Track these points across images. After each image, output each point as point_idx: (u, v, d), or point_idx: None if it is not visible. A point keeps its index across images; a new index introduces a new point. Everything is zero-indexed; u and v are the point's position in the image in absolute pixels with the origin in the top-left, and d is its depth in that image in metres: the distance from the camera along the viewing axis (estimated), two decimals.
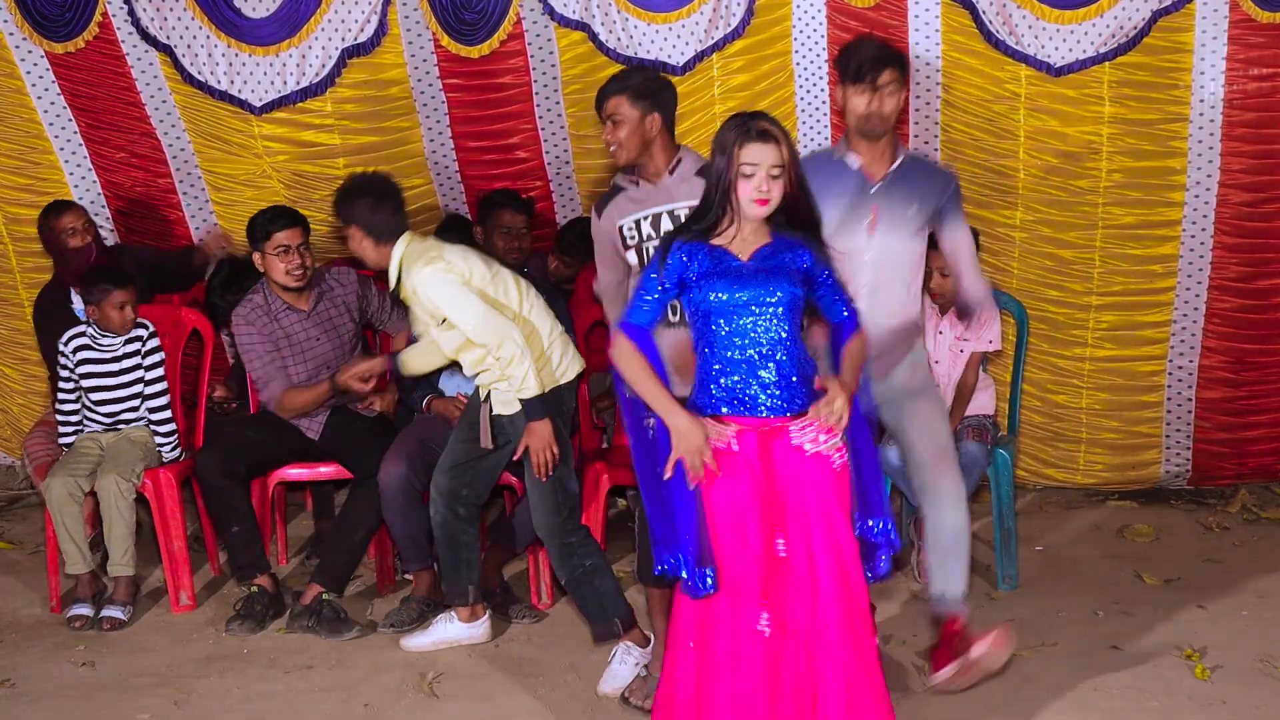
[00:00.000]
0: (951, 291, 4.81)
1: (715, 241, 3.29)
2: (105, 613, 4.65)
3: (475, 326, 4.01)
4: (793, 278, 3.26)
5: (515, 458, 4.13)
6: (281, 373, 4.72)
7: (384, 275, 4.29)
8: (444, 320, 4.09)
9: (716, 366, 3.28)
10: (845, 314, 3.35)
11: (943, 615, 3.81)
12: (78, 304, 5.04)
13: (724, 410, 3.27)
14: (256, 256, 4.75)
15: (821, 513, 3.24)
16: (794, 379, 3.26)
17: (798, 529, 3.24)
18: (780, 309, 3.25)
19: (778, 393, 3.25)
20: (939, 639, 3.81)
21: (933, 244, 4.87)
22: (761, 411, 3.26)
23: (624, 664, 4.00)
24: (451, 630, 4.34)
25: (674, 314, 3.89)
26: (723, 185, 3.24)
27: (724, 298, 3.24)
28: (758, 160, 3.21)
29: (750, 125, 3.24)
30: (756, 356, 3.25)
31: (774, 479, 3.27)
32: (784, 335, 3.25)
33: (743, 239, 3.29)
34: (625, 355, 3.30)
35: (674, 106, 3.93)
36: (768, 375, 3.24)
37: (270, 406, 4.75)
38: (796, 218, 3.30)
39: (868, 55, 3.75)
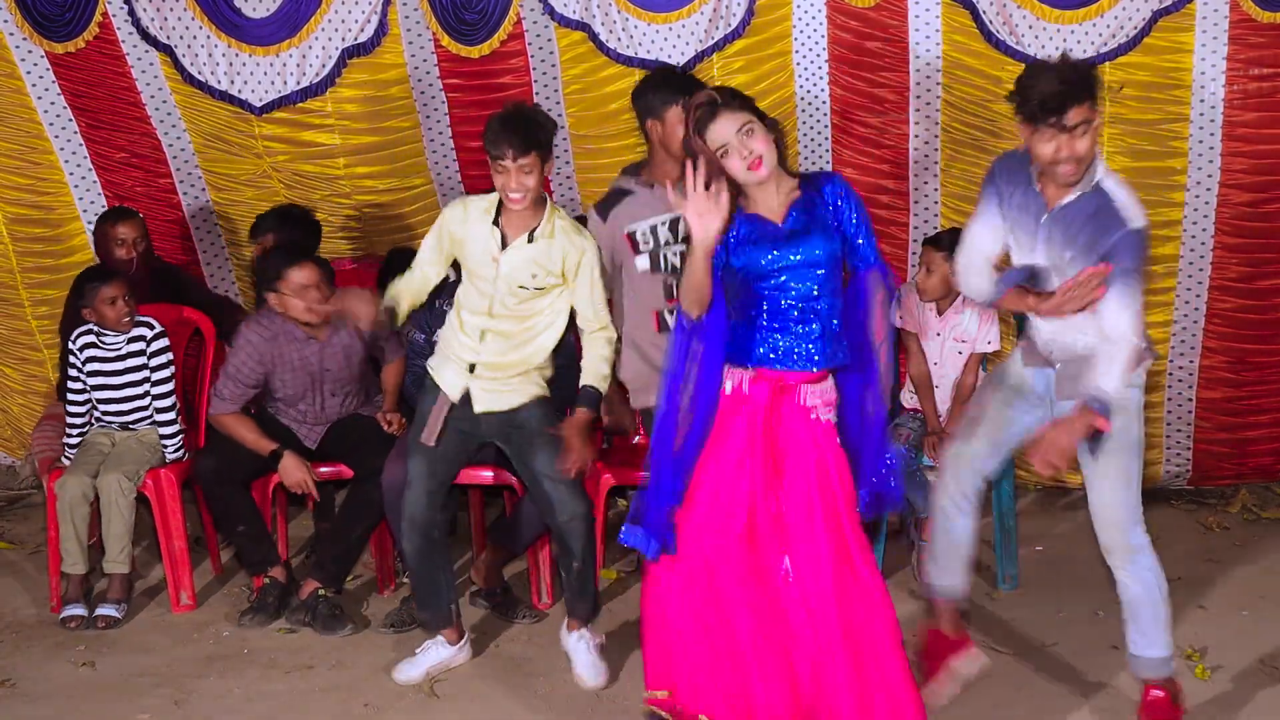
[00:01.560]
0: (935, 290, 4.81)
1: (748, 210, 3.35)
2: (100, 611, 4.66)
3: (603, 305, 4.04)
4: (829, 233, 3.33)
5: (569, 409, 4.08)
6: (240, 399, 4.67)
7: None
8: (552, 289, 3.99)
9: (761, 324, 3.34)
10: (869, 262, 3.39)
11: (1141, 679, 3.69)
12: None
13: (753, 365, 3.37)
14: (272, 296, 4.57)
15: (820, 471, 3.35)
16: (827, 336, 3.35)
17: (797, 486, 3.35)
18: (818, 269, 3.33)
19: (810, 348, 3.35)
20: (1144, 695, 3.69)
21: (935, 243, 4.90)
22: (792, 364, 3.35)
23: (591, 650, 4.13)
24: (443, 653, 4.20)
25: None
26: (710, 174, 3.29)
27: (762, 262, 3.31)
28: (723, 137, 3.26)
29: (692, 114, 3.32)
30: (796, 314, 3.33)
31: (776, 433, 3.36)
32: (820, 292, 3.33)
33: (768, 204, 3.35)
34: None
35: None
36: (803, 330, 3.34)
37: (210, 412, 4.72)
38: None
39: (1049, 90, 3.24)
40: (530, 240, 3.94)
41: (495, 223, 3.97)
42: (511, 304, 3.98)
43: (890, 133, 5.37)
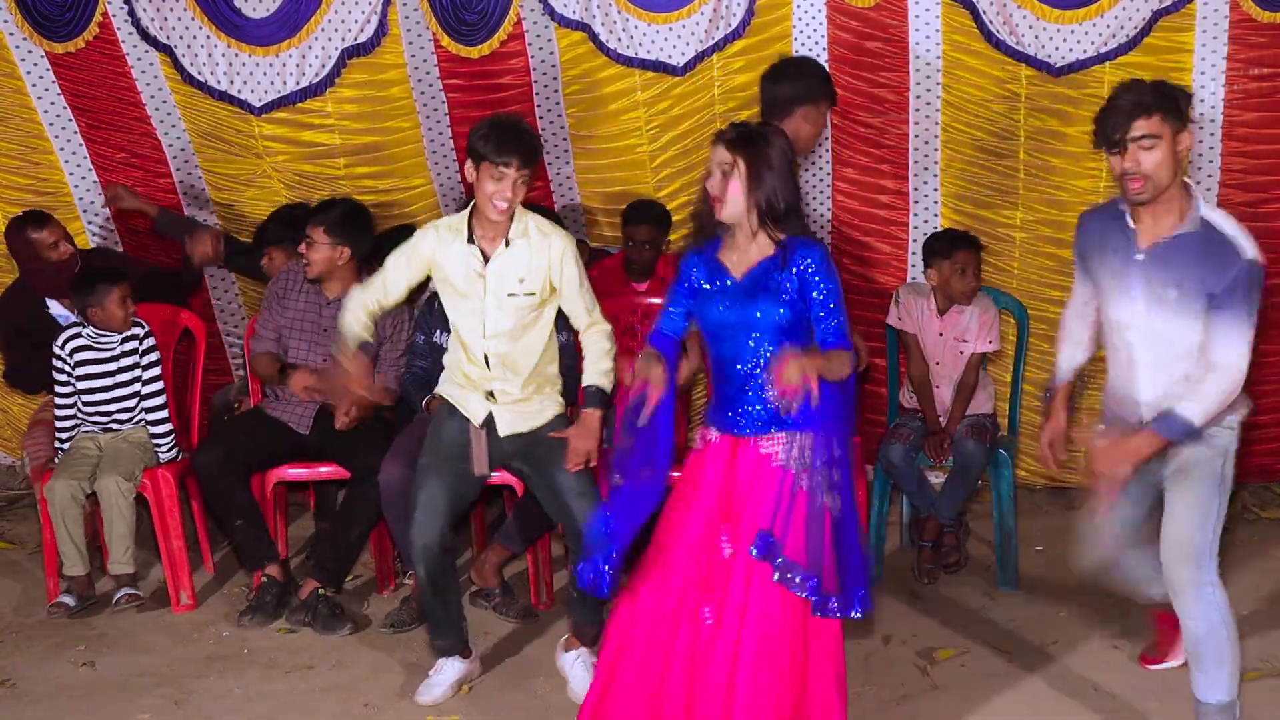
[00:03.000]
0: (945, 287, 4.83)
1: (721, 255, 3.34)
2: (123, 591, 4.75)
3: (592, 298, 4.03)
4: (780, 299, 3.27)
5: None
6: (272, 334, 4.81)
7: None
8: (543, 300, 3.97)
9: (719, 383, 3.35)
10: (830, 340, 3.28)
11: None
12: (55, 309, 5.08)
13: (711, 424, 3.38)
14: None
15: (778, 515, 3.26)
16: (774, 401, 3.29)
17: (748, 533, 3.27)
18: (762, 332, 3.28)
19: (757, 410, 3.31)
20: None
21: (941, 252, 4.89)
22: (738, 430, 3.33)
23: (588, 668, 3.98)
24: (460, 669, 4.13)
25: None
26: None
27: (711, 318, 3.32)
28: (713, 162, 3.28)
29: (730, 126, 3.33)
30: (743, 374, 3.31)
31: (734, 482, 3.32)
32: (769, 355, 3.27)
33: (741, 252, 3.33)
34: (645, 360, 3.35)
35: None
36: (750, 393, 3.31)
37: (252, 349, 4.90)
38: (777, 217, 3.29)
39: (1123, 105, 3.27)
40: (508, 245, 3.94)
41: (470, 240, 3.95)
42: (502, 318, 3.96)
43: (890, 133, 5.37)
